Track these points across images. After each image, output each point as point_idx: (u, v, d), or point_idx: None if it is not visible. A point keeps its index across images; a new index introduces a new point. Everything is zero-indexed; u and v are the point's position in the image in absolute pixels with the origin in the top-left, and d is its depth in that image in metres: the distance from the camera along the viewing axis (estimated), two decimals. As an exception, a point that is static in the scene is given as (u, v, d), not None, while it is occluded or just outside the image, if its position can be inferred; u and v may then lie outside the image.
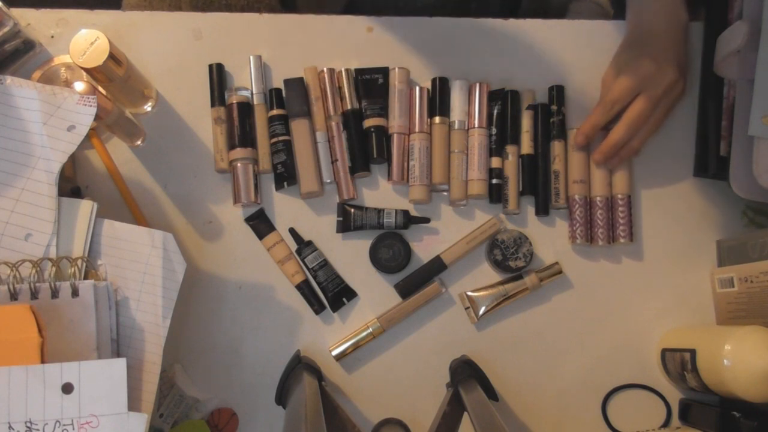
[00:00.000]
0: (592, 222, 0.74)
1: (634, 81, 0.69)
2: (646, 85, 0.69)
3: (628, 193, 0.74)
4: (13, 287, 0.54)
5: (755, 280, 0.68)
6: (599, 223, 0.73)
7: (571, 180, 0.74)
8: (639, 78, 0.69)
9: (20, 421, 0.49)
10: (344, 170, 0.73)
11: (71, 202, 0.58)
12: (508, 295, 0.73)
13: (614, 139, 0.70)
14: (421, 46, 0.76)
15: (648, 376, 0.75)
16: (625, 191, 0.74)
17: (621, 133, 0.70)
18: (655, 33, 0.71)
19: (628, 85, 0.69)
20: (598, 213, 0.74)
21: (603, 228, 0.73)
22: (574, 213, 0.74)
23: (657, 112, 0.70)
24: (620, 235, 0.73)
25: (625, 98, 0.70)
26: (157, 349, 0.58)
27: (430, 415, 0.64)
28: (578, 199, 0.74)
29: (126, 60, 0.64)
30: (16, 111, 0.58)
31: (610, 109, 0.71)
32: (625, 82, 0.69)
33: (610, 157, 0.72)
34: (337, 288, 0.73)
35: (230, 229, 0.73)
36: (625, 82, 0.69)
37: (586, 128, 0.72)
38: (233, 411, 0.71)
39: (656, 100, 0.69)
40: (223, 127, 0.72)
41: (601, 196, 0.74)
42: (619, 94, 0.70)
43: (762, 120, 0.64)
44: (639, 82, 0.69)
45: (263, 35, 0.75)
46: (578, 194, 0.74)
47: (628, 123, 0.69)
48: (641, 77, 0.69)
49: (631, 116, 0.69)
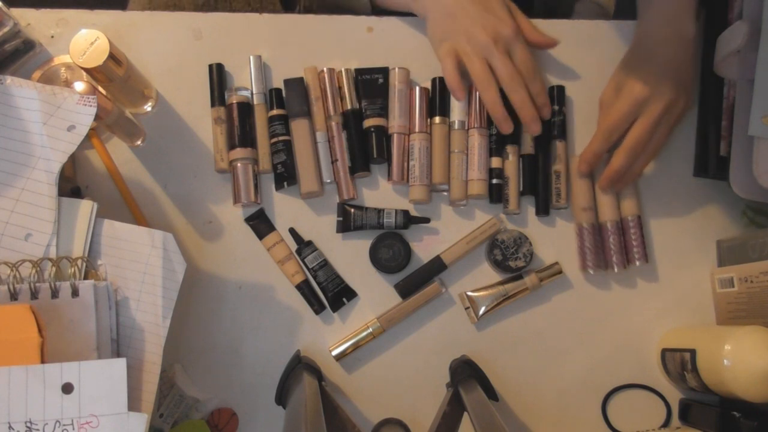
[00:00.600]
0: (604, 248, 0.73)
1: (630, 106, 0.68)
2: (643, 109, 0.68)
3: (637, 214, 0.73)
4: (13, 287, 0.54)
5: (755, 280, 0.68)
6: (612, 249, 0.73)
7: (578, 208, 0.74)
8: (635, 103, 0.68)
9: (20, 421, 0.49)
10: (344, 170, 0.73)
11: (71, 202, 0.58)
12: (508, 295, 0.73)
13: (616, 167, 0.70)
14: (421, 46, 0.76)
15: (648, 376, 0.75)
16: (635, 212, 0.73)
17: (622, 160, 0.69)
18: (657, 49, 0.70)
19: (625, 111, 0.68)
20: (610, 238, 0.73)
21: (617, 253, 0.73)
22: (584, 242, 0.73)
23: (657, 134, 0.69)
24: (635, 258, 0.73)
25: (623, 125, 0.69)
26: (157, 349, 0.58)
27: (430, 415, 0.64)
28: (587, 226, 0.73)
29: (126, 60, 0.64)
30: (16, 111, 0.58)
31: (609, 137, 0.70)
32: (622, 108, 0.69)
33: (614, 184, 0.72)
34: (337, 288, 0.73)
35: (230, 229, 0.73)
36: (622, 108, 0.69)
37: (587, 156, 0.72)
38: (233, 411, 0.71)
39: (655, 124, 0.68)
40: (223, 127, 0.72)
41: (611, 220, 0.73)
42: (616, 121, 0.69)
43: (762, 120, 0.64)
44: (635, 108, 0.68)
45: (263, 35, 0.75)
46: (586, 221, 0.73)
47: (628, 150, 0.69)
48: (637, 103, 0.68)
49: (630, 143, 0.69)
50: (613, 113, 0.70)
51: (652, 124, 0.68)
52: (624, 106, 0.69)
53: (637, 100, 0.68)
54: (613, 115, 0.70)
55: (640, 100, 0.68)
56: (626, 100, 0.68)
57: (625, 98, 0.69)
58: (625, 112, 0.68)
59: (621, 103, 0.69)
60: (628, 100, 0.68)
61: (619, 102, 0.69)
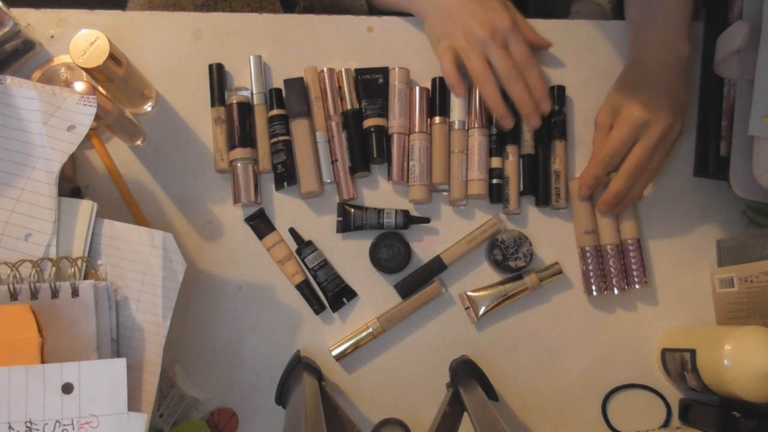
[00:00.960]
0: (605, 272, 0.74)
1: (629, 132, 0.68)
2: (642, 133, 0.68)
3: (637, 237, 0.73)
4: (13, 287, 0.54)
5: (755, 280, 0.68)
6: (612, 272, 0.73)
7: (580, 231, 0.74)
8: (634, 128, 0.68)
9: (20, 421, 0.49)
10: (344, 170, 0.73)
11: (71, 202, 0.58)
12: (508, 295, 0.73)
13: (615, 191, 0.70)
14: (421, 46, 0.76)
15: (648, 376, 0.75)
16: (635, 236, 0.73)
17: (621, 184, 0.70)
18: (654, 71, 0.70)
19: (625, 135, 0.69)
20: (610, 261, 0.73)
21: (617, 277, 0.73)
22: (588, 266, 0.73)
23: (656, 158, 0.69)
24: (634, 281, 0.73)
25: (624, 149, 0.69)
26: (157, 349, 0.58)
27: (430, 415, 0.64)
28: (589, 250, 0.73)
29: (126, 60, 0.64)
30: (16, 111, 0.58)
31: (610, 161, 0.70)
32: (621, 133, 0.69)
33: (613, 207, 0.72)
34: (337, 288, 0.73)
35: (230, 229, 0.73)
36: (621, 133, 0.69)
37: (588, 181, 0.72)
38: (233, 411, 0.71)
39: (653, 148, 0.68)
40: (223, 127, 0.72)
41: (612, 244, 0.73)
42: (617, 146, 0.69)
43: (762, 120, 0.64)
44: (634, 132, 0.68)
45: (263, 35, 0.75)
46: (588, 245, 0.73)
47: (628, 173, 0.69)
48: (636, 127, 0.68)
49: (629, 167, 0.69)
50: (614, 138, 0.70)
51: (651, 147, 0.68)
52: (624, 131, 0.69)
53: (636, 124, 0.68)
54: (613, 139, 0.70)
55: (640, 124, 0.68)
56: (626, 125, 0.69)
57: (625, 122, 0.69)
58: (625, 137, 0.69)
59: (621, 127, 0.69)
60: (628, 125, 0.68)
61: (619, 126, 0.69)
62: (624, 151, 0.70)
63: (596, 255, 0.73)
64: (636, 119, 0.68)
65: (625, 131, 0.69)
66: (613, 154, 0.70)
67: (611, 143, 0.70)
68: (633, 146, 0.69)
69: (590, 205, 0.74)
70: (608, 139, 0.70)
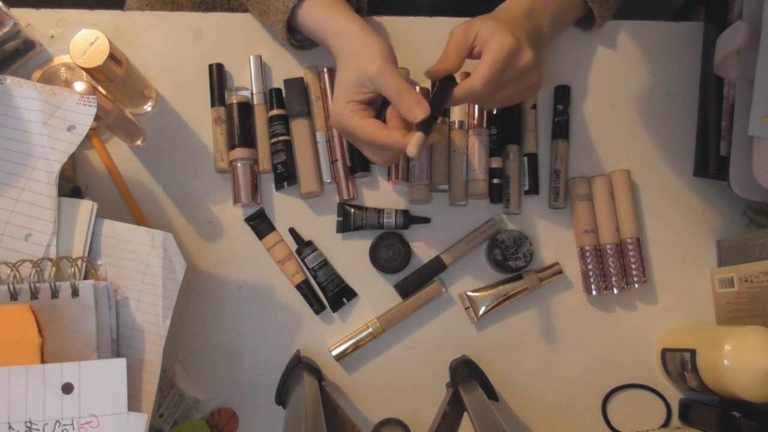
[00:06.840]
0: (604, 271, 0.74)
1: (535, 74, 0.64)
2: (530, 77, 0.64)
3: (636, 237, 0.73)
4: (13, 287, 0.54)
5: (755, 280, 0.68)
6: (612, 272, 0.73)
7: (579, 230, 0.74)
8: (535, 72, 0.64)
9: (20, 421, 0.49)
10: (344, 170, 0.73)
11: (71, 202, 0.58)
12: (508, 295, 0.73)
13: (476, 89, 0.61)
14: (421, 46, 0.76)
15: (648, 376, 0.75)
16: (634, 235, 0.73)
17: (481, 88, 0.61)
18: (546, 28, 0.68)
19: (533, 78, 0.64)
20: (609, 261, 0.73)
21: (617, 276, 0.73)
22: (587, 265, 0.73)
23: (516, 98, 0.66)
24: (633, 281, 0.73)
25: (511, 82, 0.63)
26: (157, 349, 0.58)
27: (430, 415, 0.64)
28: (588, 249, 0.73)
29: (126, 60, 0.64)
30: (16, 111, 0.58)
31: (493, 87, 0.62)
32: (532, 75, 0.64)
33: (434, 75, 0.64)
34: (337, 288, 0.73)
35: (230, 229, 0.73)
36: (532, 75, 0.64)
37: (441, 70, 0.63)
38: (233, 411, 0.71)
39: (526, 95, 0.66)
40: (223, 127, 0.72)
41: (611, 243, 0.73)
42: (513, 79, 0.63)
43: (762, 120, 0.64)
44: (535, 75, 0.64)
45: (263, 35, 0.75)
46: (588, 245, 0.73)
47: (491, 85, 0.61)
48: (536, 71, 0.64)
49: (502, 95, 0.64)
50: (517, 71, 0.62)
51: (527, 93, 0.65)
52: (533, 74, 0.64)
53: (537, 70, 0.64)
54: (516, 73, 0.62)
55: (537, 70, 0.64)
56: (537, 70, 0.64)
57: (536, 67, 0.63)
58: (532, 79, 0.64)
59: (533, 70, 0.63)
60: (537, 69, 0.64)
61: (532, 68, 0.63)
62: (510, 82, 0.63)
63: (596, 254, 0.73)
64: (537, 65, 0.63)
65: (534, 75, 0.64)
66: (502, 83, 0.63)
67: (493, 63, 0.61)
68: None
69: (590, 204, 0.74)
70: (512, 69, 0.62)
